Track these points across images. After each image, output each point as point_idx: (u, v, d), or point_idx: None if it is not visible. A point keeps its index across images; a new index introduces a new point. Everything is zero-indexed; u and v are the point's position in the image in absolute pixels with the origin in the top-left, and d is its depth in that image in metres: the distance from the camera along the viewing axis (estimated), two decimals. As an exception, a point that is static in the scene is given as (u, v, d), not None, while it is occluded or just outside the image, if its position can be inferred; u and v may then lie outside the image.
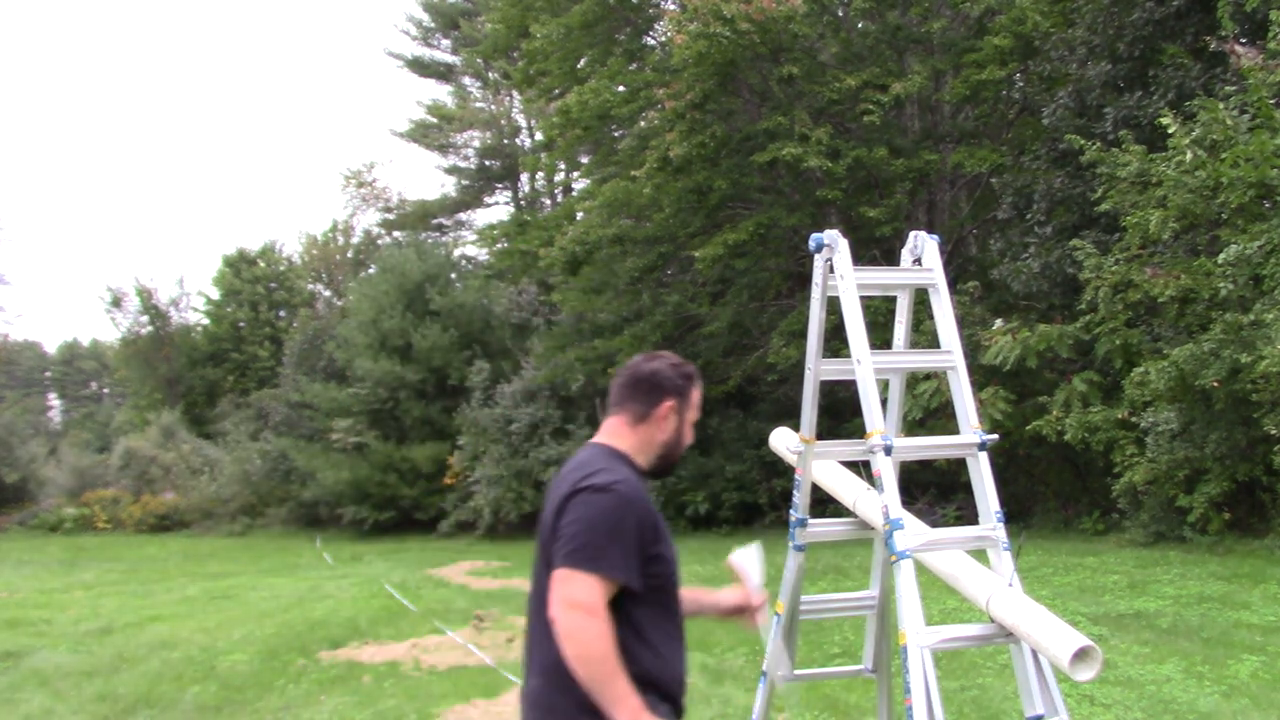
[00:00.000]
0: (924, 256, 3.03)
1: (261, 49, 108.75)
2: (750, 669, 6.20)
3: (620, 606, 2.09)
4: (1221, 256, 8.89)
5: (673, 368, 2.40)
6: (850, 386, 2.89)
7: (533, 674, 2.21)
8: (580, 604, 2.01)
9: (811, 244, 2.92)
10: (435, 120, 31.14)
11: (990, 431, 3.20)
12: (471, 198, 31.47)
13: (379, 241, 32.39)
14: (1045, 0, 13.40)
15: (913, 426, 11.79)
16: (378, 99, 54.21)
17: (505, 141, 29.23)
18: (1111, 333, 10.49)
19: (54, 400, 64.31)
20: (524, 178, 29.54)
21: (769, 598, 2.69)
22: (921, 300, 3.42)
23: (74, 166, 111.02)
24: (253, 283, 34.52)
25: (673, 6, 16.77)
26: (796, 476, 3.08)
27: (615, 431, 2.33)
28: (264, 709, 6.21)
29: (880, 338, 3.20)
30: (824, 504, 3.23)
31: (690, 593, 2.51)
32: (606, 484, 2.13)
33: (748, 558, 2.68)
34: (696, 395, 2.43)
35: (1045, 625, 2.61)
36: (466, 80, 32.07)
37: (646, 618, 2.15)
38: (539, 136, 24.13)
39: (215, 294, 35.14)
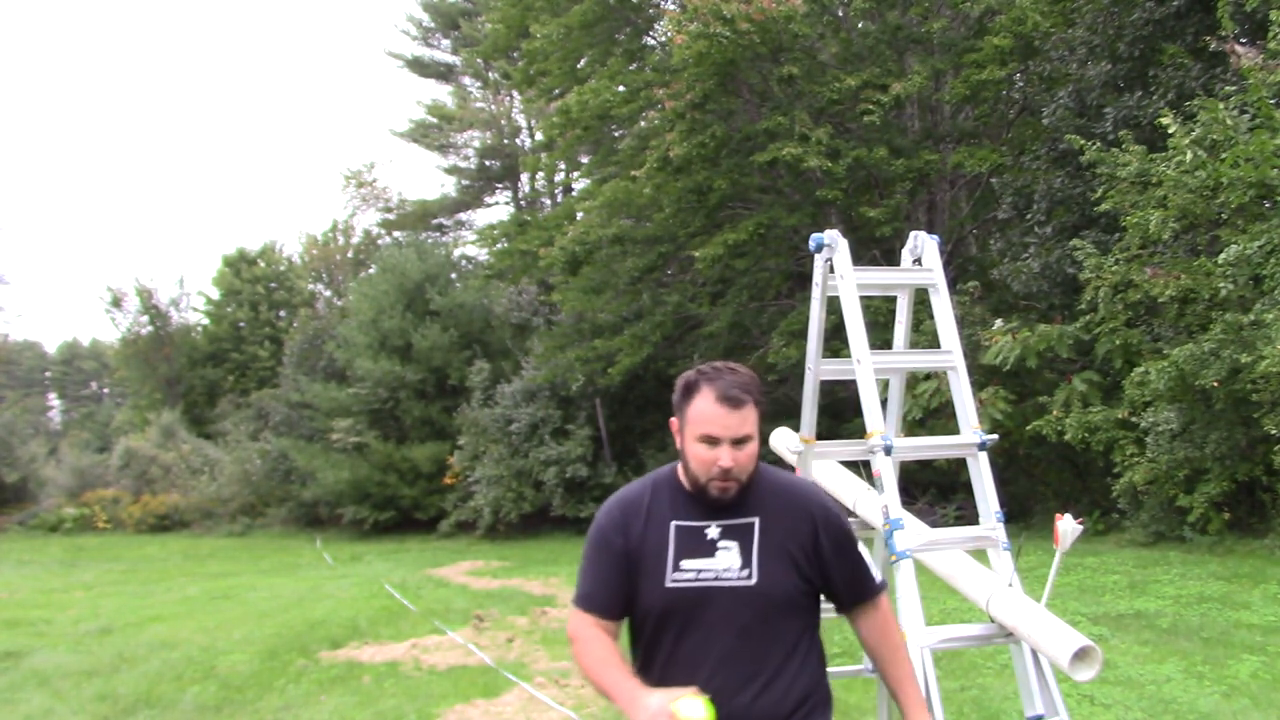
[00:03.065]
0: (924, 256, 3.03)
1: (262, 49, 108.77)
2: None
3: (636, 630, 2.19)
4: (1221, 256, 8.89)
5: (681, 378, 2.21)
6: (850, 386, 2.89)
7: None
8: (568, 632, 2.20)
9: (811, 244, 2.92)
10: (435, 120, 31.15)
11: (990, 431, 3.20)
12: (471, 198, 31.47)
13: (379, 241, 32.39)
14: (1045, 0, 13.40)
15: (913, 426, 11.79)
16: (378, 99, 54.32)
17: (505, 141, 29.23)
18: (1111, 333, 10.48)
19: (54, 400, 64.35)
20: (524, 178, 29.53)
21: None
22: (921, 300, 3.42)
23: (74, 166, 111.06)
24: (253, 283, 34.53)
25: (673, 6, 16.77)
26: (796, 476, 3.07)
27: None
28: (264, 709, 6.21)
29: (880, 338, 3.20)
30: (824, 504, 3.21)
31: None
32: (597, 517, 2.24)
33: (1069, 530, 2.78)
34: (694, 408, 2.13)
35: (1045, 625, 2.61)
36: (466, 80, 32.08)
37: (656, 645, 2.15)
38: (539, 136, 24.11)
39: (215, 294, 35.16)
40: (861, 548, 2.30)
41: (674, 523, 2.14)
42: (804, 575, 2.18)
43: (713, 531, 2.13)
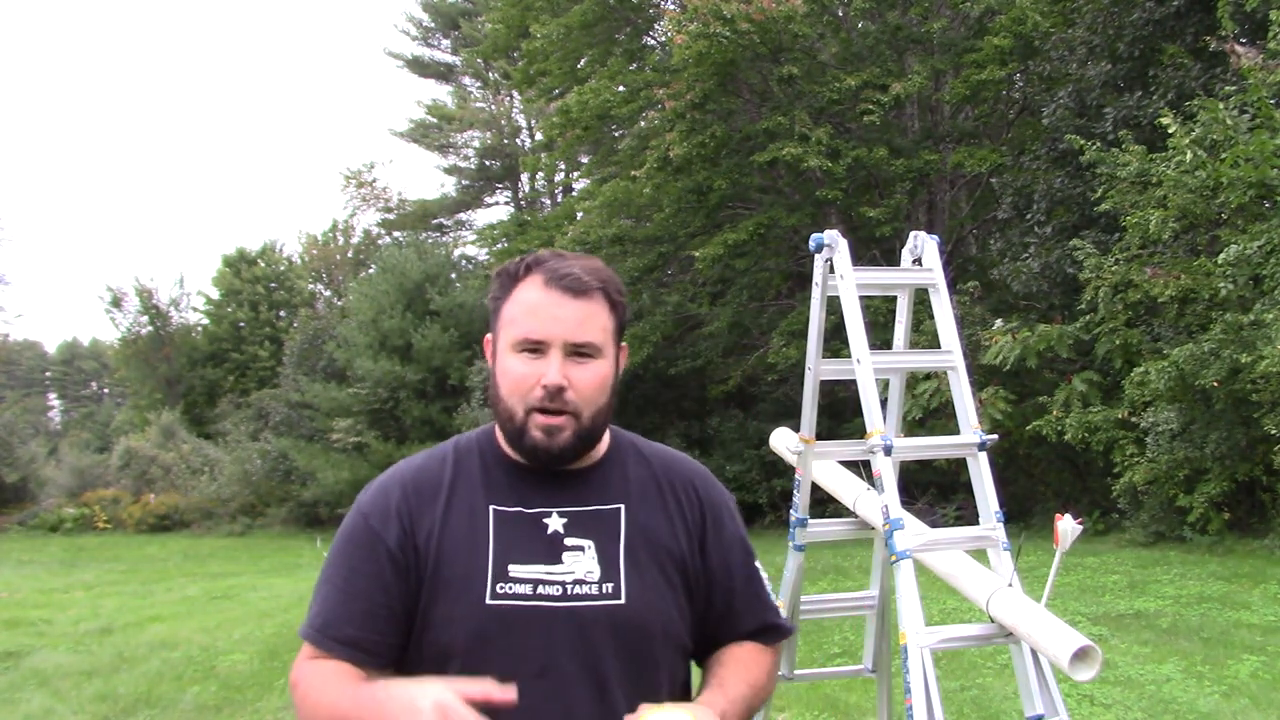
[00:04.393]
0: (924, 256, 3.02)
1: (262, 49, 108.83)
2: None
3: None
4: (1221, 256, 8.89)
5: (500, 268, 1.49)
6: (850, 386, 2.88)
7: None
8: (290, 679, 1.47)
9: (811, 244, 2.92)
10: (435, 120, 31.19)
11: (990, 431, 3.18)
12: (471, 198, 31.51)
13: (379, 241, 32.42)
14: (1045, 0, 13.41)
15: (913, 426, 11.79)
16: (378, 99, 54.43)
17: (505, 141, 29.27)
18: (1111, 333, 10.49)
19: (54, 400, 64.36)
20: (524, 178, 29.57)
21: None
22: (921, 300, 3.42)
23: (74, 166, 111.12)
24: (253, 283, 34.55)
25: (673, 6, 16.78)
26: (796, 476, 3.08)
27: None
28: (264, 709, 6.21)
29: (880, 338, 3.20)
30: (824, 504, 3.23)
31: None
32: (357, 500, 1.49)
33: (1069, 530, 2.69)
34: (513, 301, 1.41)
35: (1045, 625, 2.61)
36: (466, 80, 32.14)
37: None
38: (539, 136, 24.13)
39: (215, 294, 35.18)
40: (761, 569, 1.60)
41: (492, 507, 1.41)
42: (689, 594, 1.48)
43: (555, 522, 1.41)
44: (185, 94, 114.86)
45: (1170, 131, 9.48)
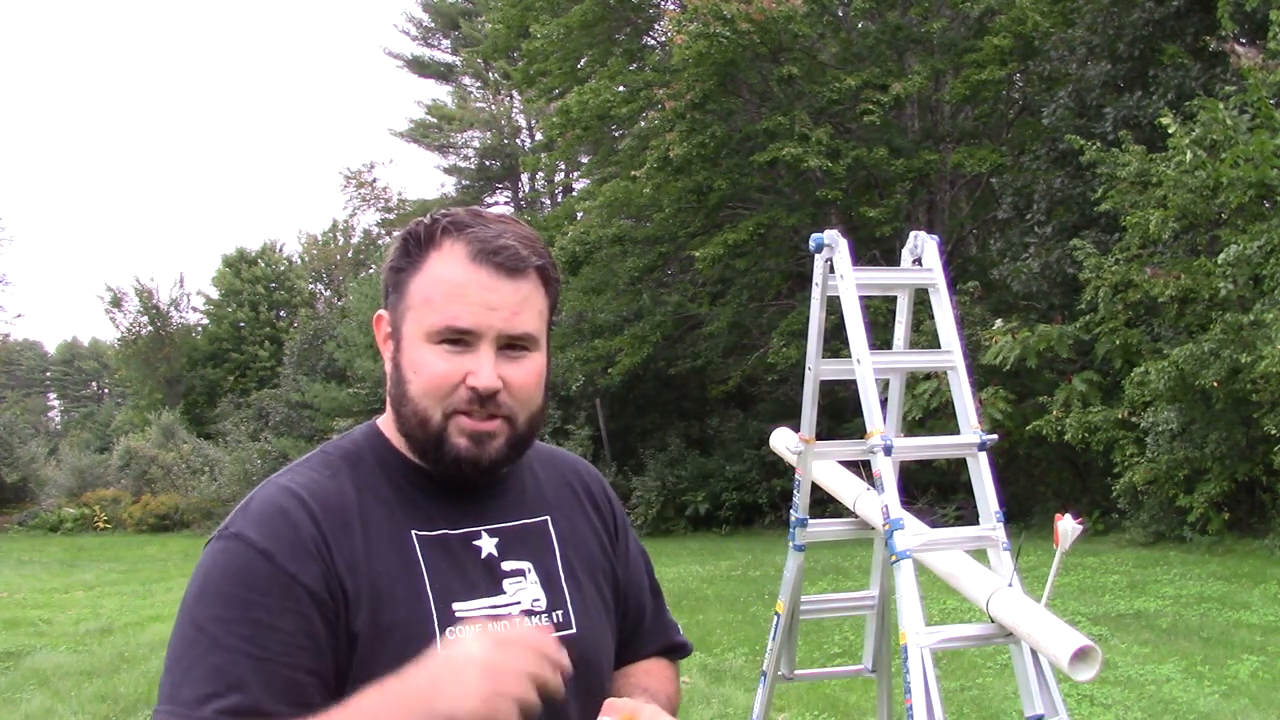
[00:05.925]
0: (924, 256, 3.02)
1: (261, 49, 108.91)
2: (750, 669, 6.20)
3: None
4: (1221, 256, 8.89)
5: (404, 229, 1.20)
6: (850, 386, 2.88)
7: None
8: None
9: (811, 244, 2.92)
10: (435, 120, 31.19)
11: (990, 431, 3.17)
12: (471, 198, 31.48)
13: (379, 241, 32.42)
14: (1045, 0, 13.41)
15: (913, 426, 11.79)
16: (378, 99, 54.48)
17: (505, 141, 29.26)
18: (1111, 333, 10.50)
19: (54, 400, 64.37)
20: (524, 178, 29.57)
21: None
22: (921, 300, 3.42)
23: (74, 166, 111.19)
24: (252, 283, 34.54)
25: (673, 6, 16.79)
26: (796, 476, 3.08)
27: None
28: (264, 709, 6.20)
29: (880, 338, 3.20)
30: (824, 504, 3.23)
31: None
32: (222, 531, 1.14)
33: (1069, 530, 2.52)
34: (425, 276, 1.15)
35: (1045, 625, 2.60)
36: (466, 80, 32.13)
37: None
38: (539, 136, 24.15)
39: (215, 294, 35.18)
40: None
41: (414, 532, 1.16)
42: (618, 613, 1.33)
43: (487, 543, 1.20)
44: (185, 94, 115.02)
45: (1170, 131, 9.48)
